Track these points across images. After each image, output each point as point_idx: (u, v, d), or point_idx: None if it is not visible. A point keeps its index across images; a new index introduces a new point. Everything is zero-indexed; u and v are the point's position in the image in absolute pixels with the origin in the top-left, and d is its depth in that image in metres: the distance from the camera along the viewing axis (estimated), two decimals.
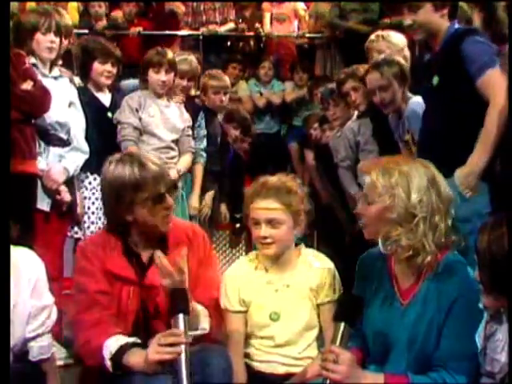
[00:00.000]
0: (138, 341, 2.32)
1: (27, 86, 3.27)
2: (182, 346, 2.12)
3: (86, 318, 2.36)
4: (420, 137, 3.21)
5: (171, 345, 2.13)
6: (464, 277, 2.13)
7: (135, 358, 2.23)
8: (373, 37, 4.13)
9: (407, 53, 4.08)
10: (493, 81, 2.88)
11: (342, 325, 2.03)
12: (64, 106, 3.61)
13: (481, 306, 2.02)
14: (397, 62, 3.72)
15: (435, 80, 3.04)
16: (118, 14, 6.65)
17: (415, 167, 2.19)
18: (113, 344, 2.27)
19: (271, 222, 2.47)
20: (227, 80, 4.84)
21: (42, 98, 3.33)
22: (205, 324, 2.40)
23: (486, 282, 1.90)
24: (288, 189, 2.52)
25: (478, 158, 2.86)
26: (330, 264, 2.59)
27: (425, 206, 2.13)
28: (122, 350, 2.25)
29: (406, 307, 2.19)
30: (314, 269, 2.55)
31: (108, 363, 2.26)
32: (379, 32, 4.18)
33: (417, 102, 3.58)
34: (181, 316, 2.17)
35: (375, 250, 2.32)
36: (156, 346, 2.17)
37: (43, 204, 3.48)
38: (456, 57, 2.94)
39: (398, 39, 4.08)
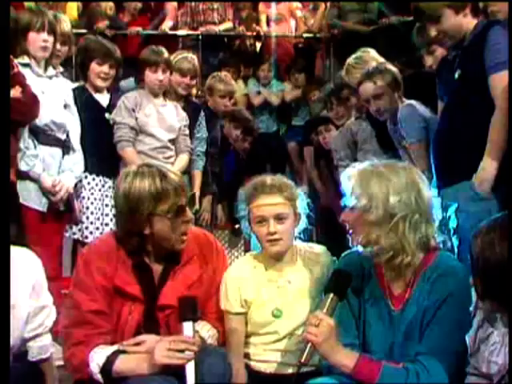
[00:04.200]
0: (121, 348, 2.29)
1: (16, 92, 3.23)
2: (192, 353, 2.14)
3: (74, 334, 2.31)
4: (437, 135, 3.19)
5: (181, 351, 2.15)
6: (457, 278, 2.13)
7: (128, 365, 2.23)
8: (345, 69, 4.08)
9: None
10: (504, 84, 2.83)
11: (331, 295, 2.14)
12: (59, 106, 3.61)
13: (471, 309, 2.04)
14: (389, 69, 3.73)
15: (457, 74, 3.03)
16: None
17: (393, 169, 2.19)
18: (98, 356, 2.25)
19: (278, 217, 2.48)
20: (234, 85, 4.87)
21: (30, 106, 3.31)
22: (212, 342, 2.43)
23: (480, 288, 1.91)
24: (286, 184, 2.54)
25: (488, 164, 2.83)
26: (328, 254, 2.60)
27: (403, 205, 2.12)
28: (110, 361, 2.23)
29: (399, 313, 2.18)
30: (313, 262, 2.56)
31: (98, 375, 2.24)
32: (349, 61, 4.09)
33: (409, 105, 3.59)
34: (190, 324, 2.20)
35: (358, 252, 2.31)
36: (165, 351, 2.17)
37: (40, 204, 3.48)
38: (480, 46, 2.90)
39: (370, 57, 4.03)
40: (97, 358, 2.25)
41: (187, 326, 2.20)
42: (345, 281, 2.19)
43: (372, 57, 4.06)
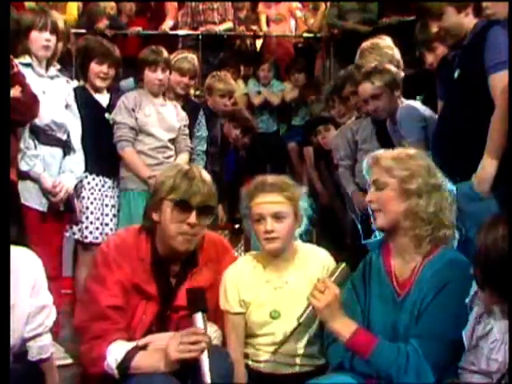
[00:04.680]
0: (140, 344, 2.32)
1: (15, 92, 3.22)
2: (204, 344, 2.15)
3: (93, 328, 2.34)
4: (436, 134, 3.19)
5: (193, 343, 2.15)
6: (458, 269, 2.17)
7: (146, 361, 2.25)
8: (359, 52, 4.11)
9: (398, 55, 4.07)
10: (504, 83, 2.82)
11: (343, 265, 2.21)
12: (60, 106, 3.60)
13: (467, 300, 2.07)
14: (387, 69, 3.73)
15: (456, 73, 3.03)
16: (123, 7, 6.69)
17: (421, 153, 2.33)
18: (117, 350, 2.27)
19: (276, 216, 2.48)
20: (234, 84, 4.87)
21: (30, 105, 3.29)
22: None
23: (480, 278, 1.94)
24: (288, 184, 2.55)
25: (488, 163, 2.83)
26: (328, 255, 2.61)
27: (438, 179, 2.23)
28: (128, 356, 2.26)
29: (403, 299, 2.22)
30: (312, 263, 2.56)
31: (114, 370, 2.26)
32: (364, 45, 4.13)
33: (408, 104, 3.59)
34: (200, 314, 2.20)
35: (367, 242, 2.38)
36: (177, 345, 2.17)
37: (41, 204, 3.48)
38: (479, 46, 2.91)
39: (385, 45, 4.06)
40: (115, 352, 2.27)
41: (198, 318, 2.20)
42: (357, 254, 2.28)
43: (387, 45, 4.09)
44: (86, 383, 2.52)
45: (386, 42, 4.14)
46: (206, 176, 2.47)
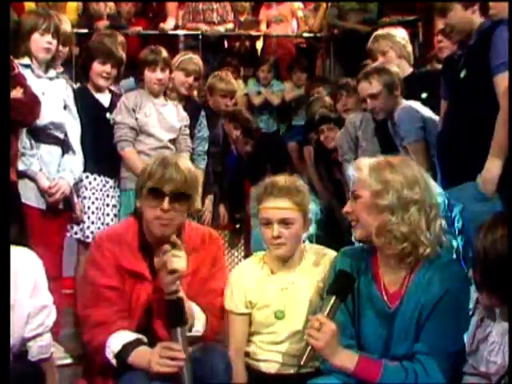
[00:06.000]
0: (140, 336, 2.35)
1: (17, 93, 3.21)
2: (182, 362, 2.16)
3: (91, 316, 2.41)
4: (441, 134, 3.18)
5: (172, 358, 2.17)
6: (454, 273, 2.15)
7: (139, 360, 2.28)
8: (373, 37, 4.14)
9: (409, 48, 4.09)
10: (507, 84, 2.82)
11: (333, 297, 2.12)
12: (59, 107, 3.59)
13: (471, 305, 2.06)
14: (387, 70, 3.73)
15: (462, 73, 3.02)
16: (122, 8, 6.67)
17: (405, 162, 2.22)
18: (115, 343, 2.32)
19: (283, 222, 2.46)
20: (235, 84, 4.86)
21: (31, 106, 3.29)
22: (199, 327, 2.45)
23: (478, 280, 1.94)
24: (297, 188, 2.52)
25: (493, 164, 2.82)
26: (335, 255, 2.57)
27: (418, 193, 2.13)
28: (125, 349, 2.30)
29: (395, 310, 2.19)
30: (321, 265, 2.54)
31: (113, 361, 2.31)
32: (379, 31, 4.19)
33: (406, 105, 3.59)
34: (178, 330, 2.21)
35: (356, 248, 2.34)
36: (158, 358, 2.20)
37: (39, 202, 3.47)
38: (485, 46, 2.90)
39: (399, 36, 4.10)
40: (113, 344, 2.32)
41: (176, 333, 2.21)
42: (347, 283, 2.18)
43: (401, 36, 4.13)
44: (88, 376, 2.55)
45: (400, 32, 4.19)
46: (183, 164, 2.49)
